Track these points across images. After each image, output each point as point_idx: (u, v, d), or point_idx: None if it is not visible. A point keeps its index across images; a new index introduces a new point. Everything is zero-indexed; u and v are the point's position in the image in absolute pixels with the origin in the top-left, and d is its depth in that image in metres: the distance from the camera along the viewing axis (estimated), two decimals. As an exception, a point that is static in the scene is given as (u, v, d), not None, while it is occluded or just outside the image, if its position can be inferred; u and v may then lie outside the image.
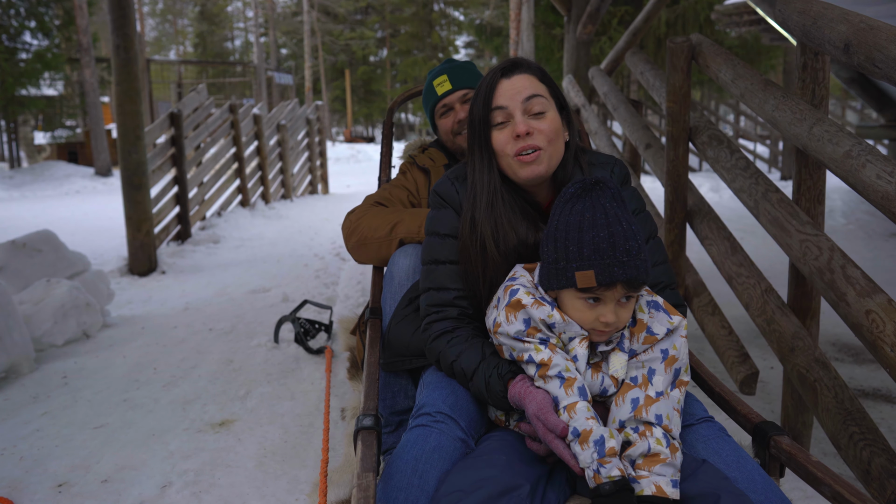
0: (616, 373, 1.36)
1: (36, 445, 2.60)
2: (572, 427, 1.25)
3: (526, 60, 1.56)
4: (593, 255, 1.27)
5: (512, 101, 1.49)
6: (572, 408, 1.27)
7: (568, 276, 1.30)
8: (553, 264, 1.33)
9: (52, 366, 3.59)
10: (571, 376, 1.30)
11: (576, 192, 1.34)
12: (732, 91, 2.80)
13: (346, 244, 2.22)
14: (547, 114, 1.50)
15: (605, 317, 1.31)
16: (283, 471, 2.34)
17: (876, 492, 1.80)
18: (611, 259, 1.26)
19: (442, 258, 1.57)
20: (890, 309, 1.82)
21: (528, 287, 1.39)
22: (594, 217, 1.29)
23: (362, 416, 1.44)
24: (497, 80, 1.52)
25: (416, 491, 1.25)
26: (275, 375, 3.27)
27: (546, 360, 1.32)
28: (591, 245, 1.28)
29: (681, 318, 1.38)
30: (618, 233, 1.28)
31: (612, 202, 1.31)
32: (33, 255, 4.48)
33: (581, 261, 1.29)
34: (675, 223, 3.27)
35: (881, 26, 1.86)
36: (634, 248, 1.28)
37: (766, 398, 3.16)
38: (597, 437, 1.25)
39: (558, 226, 1.33)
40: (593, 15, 6.27)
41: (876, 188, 1.82)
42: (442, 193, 1.61)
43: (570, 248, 1.30)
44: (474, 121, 1.53)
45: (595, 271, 1.27)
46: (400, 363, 1.76)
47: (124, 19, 5.62)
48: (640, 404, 1.31)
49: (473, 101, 1.55)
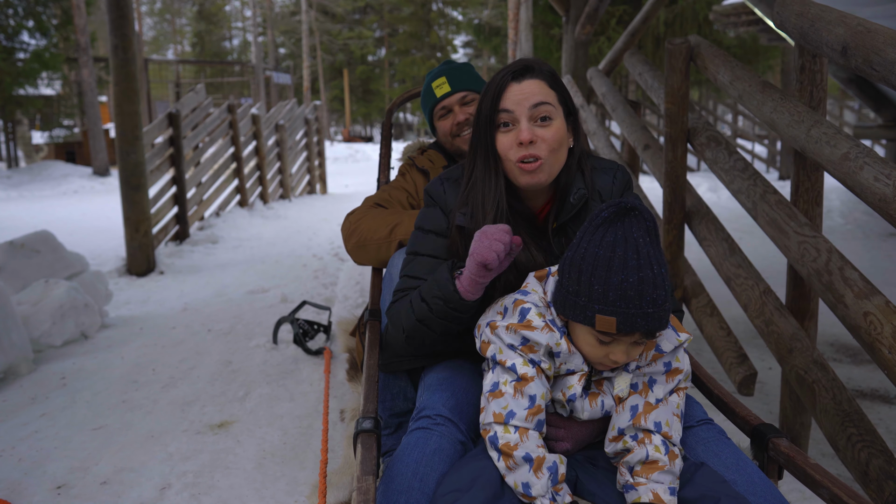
0: (621, 392, 1.34)
1: (35, 447, 2.60)
2: (524, 452, 1.25)
3: (538, 64, 1.53)
4: (619, 301, 1.20)
5: (519, 106, 1.47)
6: (525, 432, 1.27)
7: (588, 315, 1.24)
8: (573, 296, 1.26)
9: (50, 367, 3.59)
10: (540, 405, 1.29)
11: (609, 218, 1.24)
12: (730, 92, 2.81)
13: (345, 245, 2.22)
14: (553, 121, 1.48)
15: (615, 356, 1.27)
16: (282, 472, 2.34)
17: (874, 493, 1.80)
18: (636, 309, 1.19)
19: (423, 251, 1.58)
20: (888, 311, 1.82)
21: (540, 307, 1.33)
22: (625, 256, 1.20)
23: (362, 419, 1.44)
24: (507, 83, 1.49)
25: (417, 494, 1.25)
26: (274, 376, 3.27)
27: (528, 377, 1.30)
28: (619, 290, 1.19)
29: (688, 336, 1.37)
30: (647, 280, 1.19)
31: (646, 237, 1.22)
32: (31, 256, 4.47)
33: (605, 304, 1.21)
34: (674, 224, 3.27)
35: (879, 29, 1.86)
36: (661, 297, 1.21)
37: (765, 399, 3.17)
38: (550, 464, 1.25)
39: (585, 256, 1.24)
40: (591, 15, 6.27)
41: (874, 190, 1.83)
42: (431, 193, 1.62)
43: (594, 288, 1.22)
44: (480, 120, 1.53)
45: (618, 319, 1.20)
46: (398, 364, 1.76)
47: (122, 19, 5.62)
48: (640, 412, 1.31)
49: (481, 101, 1.53)
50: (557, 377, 1.35)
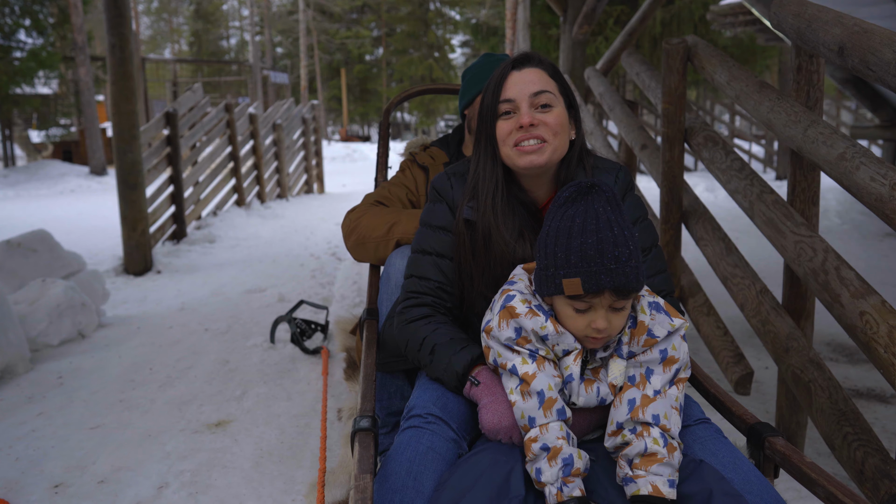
0: (615, 380, 1.35)
1: (32, 446, 2.60)
2: (542, 443, 1.27)
3: (538, 55, 1.56)
4: (580, 262, 1.25)
5: (520, 93, 1.50)
6: (545, 427, 1.28)
7: (556, 282, 1.28)
8: (543, 270, 1.31)
9: (47, 366, 3.58)
10: (552, 397, 1.30)
11: (570, 196, 1.31)
12: (727, 92, 2.81)
13: (345, 243, 2.24)
14: (554, 108, 1.50)
15: (596, 323, 1.29)
16: (279, 471, 2.34)
17: (870, 492, 1.81)
18: (598, 266, 1.24)
19: (429, 249, 1.59)
20: (883, 310, 1.83)
21: (525, 294, 1.37)
22: (585, 222, 1.26)
23: (359, 418, 1.44)
24: (508, 73, 1.53)
25: (412, 493, 1.25)
26: (271, 376, 3.27)
27: (529, 375, 1.31)
28: (579, 252, 1.25)
29: (682, 321, 1.38)
30: (607, 239, 1.24)
31: (607, 206, 1.27)
32: (28, 255, 4.47)
33: (568, 268, 1.26)
34: (671, 224, 3.28)
35: (875, 29, 1.87)
36: (624, 254, 1.24)
37: (761, 398, 3.18)
38: (566, 456, 1.26)
39: (549, 231, 1.31)
40: (589, 15, 6.28)
41: (870, 190, 1.84)
42: (438, 188, 1.62)
43: (558, 255, 1.27)
44: (484, 112, 1.55)
45: (581, 279, 1.25)
46: (395, 363, 1.77)
47: (120, 18, 5.61)
48: (637, 405, 1.32)
49: (484, 93, 1.56)
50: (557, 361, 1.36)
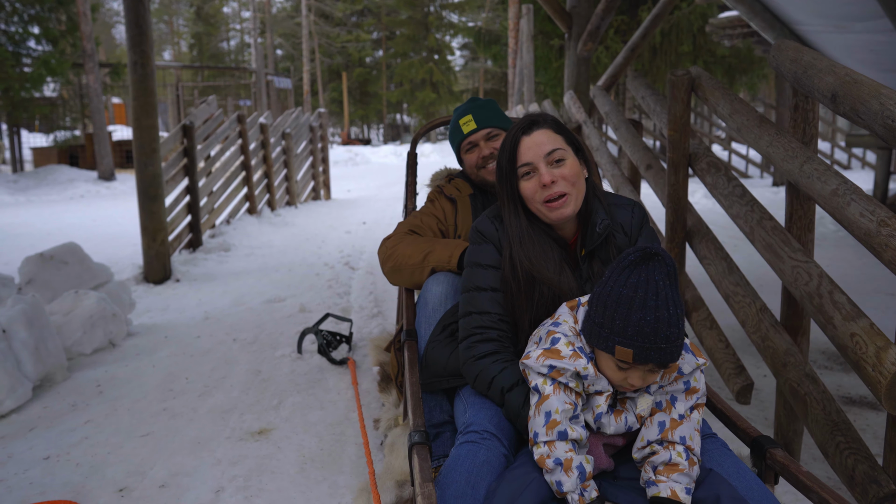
0: (643, 412, 1.57)
1: (88, 453, 2.81)
2: (554, 458, 1.48)
3: (541, 116, 1.83)
4: (636, 336, 1.40)
5: (535, 156, 1.76)
6: (551, 444, 1.50)
7: (609, 345, 1.45)
8: (598, 327, 1.48)
9: (83, 374, 3.79)
10: (557, 419, 1.51)
11: (634, 261, 1.43)
12: (729, 124, 3.03)
13: (381, 268, 2.46)
14: (567, 160, 1.76)
15: (632, 380, 1.49)
16: (322, 476, 2.56)
17: (859, 496, 2.03)
18: (651, 344, 1.40)
19: (484, 285, 1.81)
20: (872, 332, 2.04)
21: (570, 336, 1.56)
22: (645, 296, 1.40)
23: (413, 433, 1.66)
24: (519, 138, 1.79)
25: (470, 500, 1.48)
26: (302, 385, 3.48)
27: (544, 395, 1.53)
28: (637, 326, 1.40)
29: (704, 361, 1.59)
30: (663, 319, 1.39)
31: (666, 280, 1.41)
32: (60, 267, 4.68)
33: (624, 337, 1.41)
34: (676, 243, 3.50)
35: (864, 80, 2.09)
36: (674, 334, 1.41)
37: (760, 406, 3.39)
38: (578, 464, 1.48)
39: (611, 294, 1.45)
40: (593, 33, 6.50)
41: (859, 225, 2.05)
42: (483, 231, 1.86)
43: (616, 322, 1.43)
44: (502, 174, 1.79)
45: (634, 351, 1.41)
46: (437, 383, 1.99)
47: (142, 36, 5.82)
48: (667, 427, 1.54)
49: (500, 157, 1.81)
50: (588, 396, 1.57)
